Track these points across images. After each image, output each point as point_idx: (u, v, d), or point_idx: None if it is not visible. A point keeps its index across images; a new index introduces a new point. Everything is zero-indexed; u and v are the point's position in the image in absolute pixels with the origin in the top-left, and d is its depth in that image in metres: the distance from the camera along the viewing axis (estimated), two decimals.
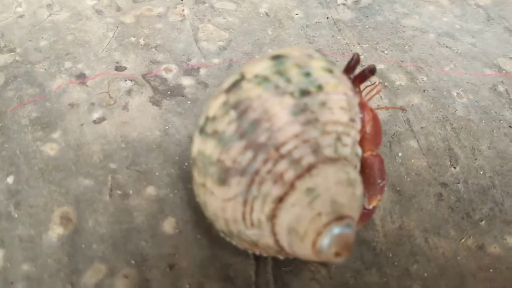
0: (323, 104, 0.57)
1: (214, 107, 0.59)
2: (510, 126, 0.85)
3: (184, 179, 0.75)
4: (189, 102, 0.86)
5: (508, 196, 0.76)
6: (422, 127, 0.83)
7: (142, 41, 0.96)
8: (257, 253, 0.63)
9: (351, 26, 1.01)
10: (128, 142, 0.79)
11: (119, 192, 0.74)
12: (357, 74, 0.66)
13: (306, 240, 0.55)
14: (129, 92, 0.87)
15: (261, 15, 1.02)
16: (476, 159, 0.80)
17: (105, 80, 0.88)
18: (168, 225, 0.71)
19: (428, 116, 0.86)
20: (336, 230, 0.54)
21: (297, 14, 1.02)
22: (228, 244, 0.65)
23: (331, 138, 0.57)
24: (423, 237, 0.71)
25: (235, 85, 0.59)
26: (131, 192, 0.74)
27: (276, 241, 0.58)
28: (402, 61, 0.95)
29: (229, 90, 0.59)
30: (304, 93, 0.57)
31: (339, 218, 0.54)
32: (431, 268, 0.68)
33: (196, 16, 1.02)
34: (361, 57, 0.95)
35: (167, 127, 0.82)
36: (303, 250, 0.56)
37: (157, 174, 0.76)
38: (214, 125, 0.58)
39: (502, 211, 0.74)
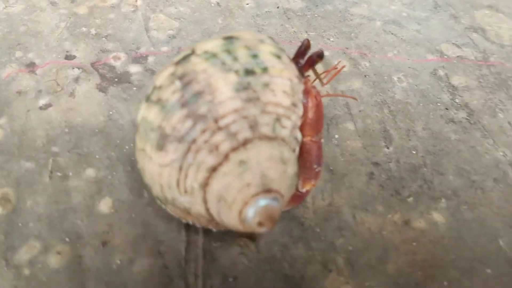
0: (266, 85, 0.60)
1: (161, 77, 0.62)
2: (446, 109, 0.87)
3: (124, 161, 0.78)
4: (135, 88, 0.89)
5: (437, 174, 0.78)
6: (360, 110, 0.86)
7: (93, 31, 0.98)
8: (190, 222, 0.65)
9: (301, 15, 1.03)
10: (72, 127, 0.82)
11: (59, 174, 0.76)
12: (306, 59, 0.69)
13: (233, 209, 0.57)
14: (76, 79, 0.89)
15: (213, 4, 1.05)
16: (410, 139, 0.83)
17: (54, 69, 0.91)
18: (105, 205, 0.73)
19: (367, 100, 0.89)
20: (262, 201, 0.57)
21: (248, 4, 1.05)
22: (161, 223, 0.67)
23: (270, 118, 0.59)
24: (351, 213, 0.74)
25: (185, 58, 0.61)
26: (70, 174, 0.76)
27: (207, 209, 0.60)
28: (347, 48, 0.97)
29: (178, 63, 0.61)
30: (249, 72, 0.60)
31: (267, 191, 0.57)
32: (356, 242, 0.71)
33: (149, 7, 1.04)
34: None
35: (111, 113, 0.85)
36: (230, 219, 0.58)
37: (97, 157, 0.78)
38: (159, 93, 0.61)
39: (430, 188, 0.77)
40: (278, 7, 1.04)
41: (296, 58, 0.70)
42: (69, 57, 0.93)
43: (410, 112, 0.86)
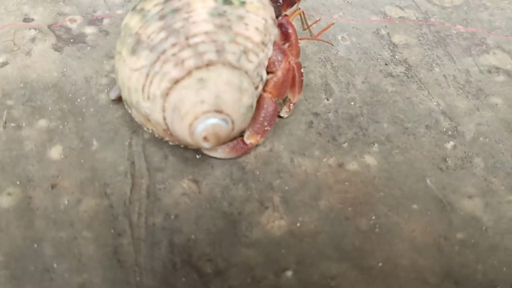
0: (240, 17, 0.65)
1: None
2: (386, 64, 0.92)
3: (75, 113, 0.82)
4: (89, 48, 0.93)
5: (373, 122, 0.83)
6: (304, 67, 0.90)
7: None
8: (150, 129, 0.72)
9: None
10: (27, 83, 0.86)
11: (12, 124, 0.80)
12: None
13: (185, 120, 0.64)
14: (33, 40, 0.93)
15: None
16: (349, 92, 0.88)
17: (12, 30, 0.94)
18: (55, 152, 0.78)
19: (311, 57, 0.93)
20: (212, 120, 0.64)
21: None
22: (109, 168, 0.73)
23: (238, 48, 0.65)
24: (289, 157, 0.79)
25: None
26: (24, 124, 0.80)
27: (164, 118, 0.66)
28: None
29: None
30: (227, 2, 0.65)
31: (218, 111, 0.64)
32: (292, 182, 0.76)
33: None
34: None
35: (65, 69, 0.88)
36: (181, 130, 0.65)
37: (50, 109, 0.82)
38: (143, 4, 0.67)
39: (365, 135, 0.82)
40: None
41: None
42: (27, 19, 0.97)
43: (351, 68, 0.91)
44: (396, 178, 0.76)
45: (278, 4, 0.75)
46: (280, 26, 0.74)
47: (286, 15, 0.76)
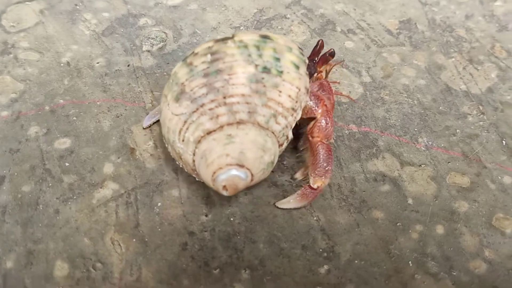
0: (276, 85, 0.74)
1: (201, 47, 0.77)
2: (272, 171, 0.89)
3: None
4: None
5: (249, 242, 0.81)
6: (189, 175, 0.87)
7: None
8: (180, 165, 0.81)
9: (150, 73, 1.05)
10: None
11: None
12: (320, 57, 0.85)
13: (210, 168, 0.73)
14: None
15: (62, 64, 1.05)
16: (230, 205, 0.85)
17: None
18: None
19: None
20: (233, 172, 0.73)
21: (98, 63, 1.06)
22: None
23: (268, 111, 0.74)
24: None
25: (224, 40, 0.76)
26: None
27: (193, 160, 0.76)
28: None
29: (217, 40, 0.77)
30: (266, 70, 0.74)
31: (240, 165, 0.73)
32: None
33: None
34: (149, 104, 0.99)
35: None
36: (205, 174, 0.74)
37: None
38: (193, 59, 0.76)
39: (239, 258, 0.79)
40: (128, 65, 1.06)
41: (312, 56, 0.85)
42: None
43: None
44: None
45: (314, 61, 0.84)
46: (321, 86, 0.85)
47: (320, 74, 0.88)
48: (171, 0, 1.22)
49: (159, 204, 0.86)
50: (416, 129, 0.97)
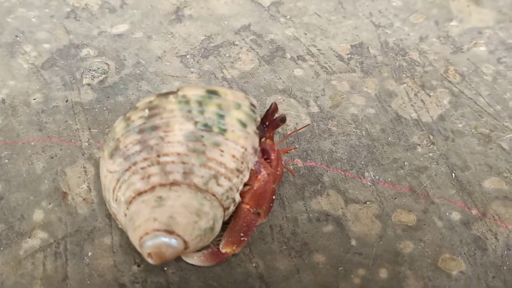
0: (217, 144, 0.69)
1: (142, 101, 0.75)
2: None
3: None
4: None
5: None
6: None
7: None
8: (119, 225, 0.77)
9: (88, 109, 1.00)
10: None
11: None
12: (270, 122, 0.77)
13: (136, 232, 0.68)
14: None
15: None
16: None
17: None
18: None
19: None
20: (161, 238, 0.67)
21: (35, 99, 1.01)
22: None
23: (208, 172, 0.68)
24: None
25: (166, 94, 0.73)
26: None
27: (125, 222, 0.72)
28: None
29: (160, 95, 0.73)
30: (207, 127, 0.69)
31: (169, 231, 0.67)
32: None
33: None
34: (86, 143, 0.94)
35: None
36: (133, 238, 0.70)
37: None
38: (131, 113, 0.73)
39: None
40: (67, 101, 1.01)
41: (264, 119, 0.78)
42: None
43: None
44: None
45: (264, 126, 0.77)
46: (263, 151, 0.77)
47: (271, 136, 0.79)
48: (115, 28, 1.17)
49: (89, 254, 0.81)
50: (363, 163, 0.93)
